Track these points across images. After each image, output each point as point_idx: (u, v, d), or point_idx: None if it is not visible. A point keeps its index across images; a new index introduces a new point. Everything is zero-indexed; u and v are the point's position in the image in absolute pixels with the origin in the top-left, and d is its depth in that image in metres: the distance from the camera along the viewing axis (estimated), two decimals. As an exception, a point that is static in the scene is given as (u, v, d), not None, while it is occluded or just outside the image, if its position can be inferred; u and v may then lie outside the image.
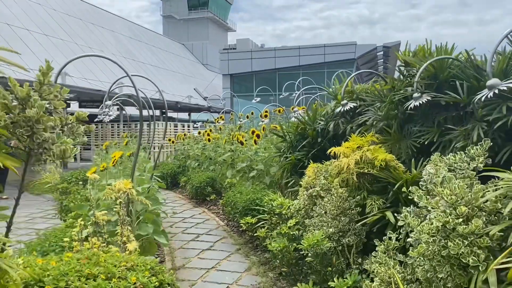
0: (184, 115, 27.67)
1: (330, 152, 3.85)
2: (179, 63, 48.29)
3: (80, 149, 16.63)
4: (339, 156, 3.72)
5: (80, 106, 16.84)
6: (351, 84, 5.74)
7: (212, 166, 9.59)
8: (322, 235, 3.38)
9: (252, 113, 11.78)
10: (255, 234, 4.77)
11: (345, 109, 4.70)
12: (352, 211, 3.43)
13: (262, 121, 8.69)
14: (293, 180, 5.45)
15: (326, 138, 5.35)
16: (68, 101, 8.47)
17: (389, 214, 3.18)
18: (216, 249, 5.24)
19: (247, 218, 5.08)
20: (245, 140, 7.50)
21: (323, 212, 3.59)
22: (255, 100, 11.23)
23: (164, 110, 23.63)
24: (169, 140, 12.50)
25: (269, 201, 4.80)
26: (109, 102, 4.55)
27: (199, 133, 10.98)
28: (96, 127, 16.75)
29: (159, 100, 19.16)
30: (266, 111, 8.98)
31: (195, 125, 12.59)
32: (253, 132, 7.87)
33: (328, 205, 3.53)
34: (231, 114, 12.76)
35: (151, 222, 4.32)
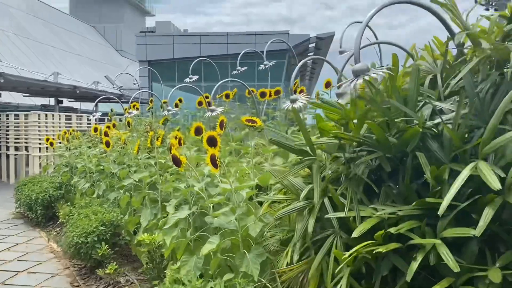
0: (90, 106, 22.31)
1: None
2: (87, 46, 41.69)
3: None
4: None
5: None
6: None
7: (115, 193, 5.18)
8: None
9: (180, 100, 7.53)
10: None
11: None
12: None
13: (212, 111, 4.52)
14: None
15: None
16: None
17: None
18: None
19: None
20: (182, 154, 3.26)
21: None
22: (189, 79, 7.00)
23: (60, 99, 18.27)
24: (47, 140, 7.79)
25: None
26: None
27: (95, 130, 6.53)
28: None
29: (45, 82, 13.94)
30: (227, 93, 4.87)
31: (94, 117, 7.99)
32: (198, 131, 3.68)
33: None
34: (150, 102, 8.37)
35: None
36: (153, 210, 4.19)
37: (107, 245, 4.20)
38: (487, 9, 32.17)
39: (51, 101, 18.54)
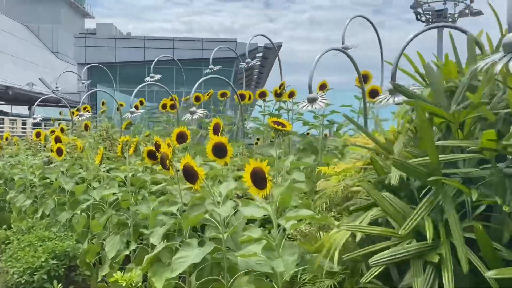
0: (22, 110, 20.34)
1: None
2: (19, 46, 38.68)
3: None
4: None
5: None
6: None
7: (66, 213, 4.17)
8: None
9: (142, 102, 6.64)
10: None
11: None
12: None
13: (193, 114, 3.71)
14: None
15: None
16: None
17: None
18: None
19: None
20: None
21: None
22: (151, 78, 6.12)
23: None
24: (-24, 148, 6.49)
25: None
26: None
27: (38, 135, 5.41)
28: None
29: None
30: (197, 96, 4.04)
31: (34, 120, 6.82)
32: (181, 138, 2.95)
33: None
34: (103, 105, 7.35)
35: None
36: (123, 237, 3.29)
37: (60, 284, 3.22)
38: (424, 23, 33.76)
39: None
